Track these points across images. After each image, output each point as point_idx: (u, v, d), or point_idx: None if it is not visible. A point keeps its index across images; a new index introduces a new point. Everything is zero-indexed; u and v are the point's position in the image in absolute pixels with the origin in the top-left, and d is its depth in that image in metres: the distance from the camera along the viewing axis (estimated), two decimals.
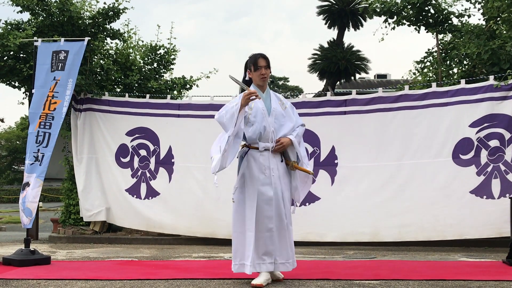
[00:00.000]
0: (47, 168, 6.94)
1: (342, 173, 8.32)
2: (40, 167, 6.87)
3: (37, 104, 7.19)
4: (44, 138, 7.00)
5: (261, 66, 4.93)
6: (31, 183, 6.78)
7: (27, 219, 6.69)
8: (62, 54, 7.33)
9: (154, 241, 9.35)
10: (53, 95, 7.17)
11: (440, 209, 7.84)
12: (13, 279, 5.20)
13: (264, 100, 4.97)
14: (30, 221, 6.71)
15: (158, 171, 9.28)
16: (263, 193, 4.79)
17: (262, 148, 4.88)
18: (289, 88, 53.31)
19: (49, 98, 7.15)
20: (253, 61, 4.97)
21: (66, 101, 7.20)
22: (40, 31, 9.75)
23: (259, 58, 4.96)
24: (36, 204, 6.77)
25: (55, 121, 7.09)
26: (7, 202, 34.15)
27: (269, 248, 4.77)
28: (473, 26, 9.45)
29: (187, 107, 9.23)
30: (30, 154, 6.93)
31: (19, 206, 6.83)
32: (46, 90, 7.21)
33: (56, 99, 7.16)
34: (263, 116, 4.90)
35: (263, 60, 4.95)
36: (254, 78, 5.00)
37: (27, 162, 6.95)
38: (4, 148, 43.62)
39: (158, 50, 11.11)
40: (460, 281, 4.88)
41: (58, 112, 7.14)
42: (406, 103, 8.15)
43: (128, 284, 4.86)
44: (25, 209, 6.68)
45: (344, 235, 8.24)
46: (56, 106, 7.14)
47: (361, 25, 22.39)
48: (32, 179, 6.78)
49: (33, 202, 6.70)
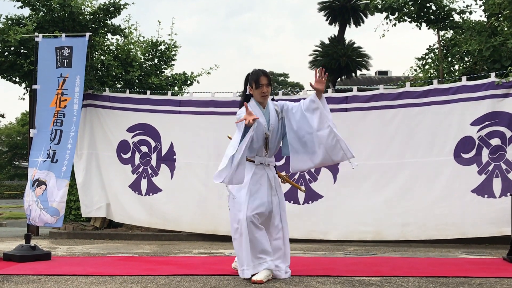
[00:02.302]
0: (71, 167, 7.01)
1: (344, 171, 8.31)
2: (57, 165, 6.93)
3: (43, 101, 7.20)
4: (56, 135, 7.05)
5: (262, 84, 4.96)
6: (47, 181, 6.84)
7: (53, 218, 6.77)
8: (66, 50, 7.32)
9: (155, 237, 9.35)
10: (63, 92, 7.19)
11: (442, 208, 7.84)
12: (13, 274, 5.20)
13: (264, 116, 5.00)
14: (57, 220, 6.79)
15: (159, 167, 9.28)
16: (256, 198, 4.83)
17: (258, 162, 4.96)
18: (289, 85, 53.24)
19: (58, 96, 7.18)
20: (255, 79, 4.99)
21: (76, 98, 7.25)
22: (41, 27, 9.74)
23: (261, 76, 4.98)
24: (64, 204, 6.89)
25: (66, 118, 7.14)
26: (7, 198, 34.18)
27: (265, 246, 4.77)
28: (475, 23, 9.43)
29: (188, 104, 9.21)
30: (44, 152, 6.98)
31: (29, 202, 6.84)
32: (53, 86, 7.21)
33: (66, 96, 7.20)
34: (263, 132, 4.95)
35: (265, 78, 4.98)
36: (255, 95, 5.03)
37: (40, 160, 6.97)
38: (4, 144, 43.60)
39: (159, 46, 11.10)
40: (461, 278, 4.88)
41: (69, 109, 7.17)
42: (408, 101, 8.13)
43: (128, 280, 4.86)
44: (49, 209, 6.75)
45: (347, 233, 8.25)
46: (67, 103, 7.17)
47: (362, 21, 22.37)
48: (50, 178, 6.85)
49: (61, 202, 6.83)
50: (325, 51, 21.54)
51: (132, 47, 10.82)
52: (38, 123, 7.23)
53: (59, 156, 7.00)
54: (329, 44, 21.68)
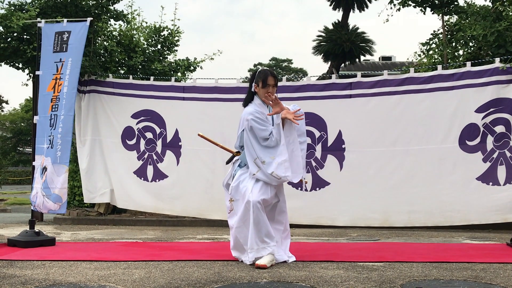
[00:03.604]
0: (69, 152, 6.99)
1: (350, 158, 8.31)
2: (52, 150, 6.91)
3: (44, 86, 7.19)
4: (54, 121, 7.03)
5: (269, 85, 5.04)
6: (48, 167, 6.83)
7: (56, 204, 6.77)
8: (65, 35, 7.30)
9: (159, 222, 9.39)
10: (60, 77, 7.17)
11: (447, 195, 7.85)
12: (18, 260, 5.23)
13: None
14: (60, 207, 6.79)
15: (165, 154, 9.27)
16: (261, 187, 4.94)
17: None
18: (293, 70, 53.15)
19: (57, 80, 7.16)
20: (263, 78, 5.05)
21: (67, 81, 7.17)
22: (44, 12, 9.70)
23: (269, 76, 5.05)
24: (66, 190, 6.88)
25: (60, 102, 7.10)
26: (12, 184, 34.30)
27: (269, 229, 4.84)
28: (479, 8, 9.35)
29: (192, 90, 9.18)
30: (46, 138, 6.97)
31: (37, 189, 6.87)
32: (52, 71, 7.20)
33: (61, 81, 7.16)
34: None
35: (273, 79, 5.05)
36: (260, 94, 5.08)
37: (45, 146, 6.98)
38: (8, 130, 43.66)
39: (162, 32, 11.07)
40: (464, 263, 4.89)
41: (61, 93, 7.14)
42: (412, 87, 8.09)
43: (132, 265, 4.89)
44: (51, 195, 6.76)
45: (355, 219, 8.27)
46: (61, 87, 7.14)
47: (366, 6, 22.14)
48: (48, 164, 6.84)
49: (62, 188, 6.81)
50: (329, 37, 21.35)
51: (135, 32, 10.79)
52: (40, 109, 7.23)
53: (54, 141, 6.99)
54: (332, 30, 21.48)
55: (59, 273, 4.54)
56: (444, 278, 4.21)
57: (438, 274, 4.37)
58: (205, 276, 4.32)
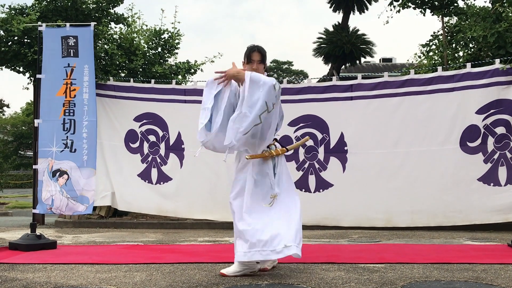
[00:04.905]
0: (95, 156, 7.10)
1: (352, 160, 8.37)
2: (76, 154, 7.04)
3: (49, 90, 7.20)
4: (71, 125, 7.11)
5: (254, 60, 4.71)
6: (68, 171, 6.95)
7: (83, 206, 6.90)
8: (71, 40, 7.32)
9: (160, 225, 9.39)
10: (71, 82, 7.22)
11: (449, 196, 7.93)
12: (19, 263, 5.23)
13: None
14: (86, 208, 6.93)
15: (168, 156, 9.31)
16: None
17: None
18: (293, 72, 53.15)
19: (68, 85, 7.22)
20: (248, 53, 4.75)
21: (85, 87, 7.26)
22: (44, 16, 9.72)
23: (254, 52, 4.72)
24: (93, 192, 7.08)
25: (77, 107, 7.19)
26: (13, 187, 34.30)
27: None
28: (479, 9, 9.36)
29: (193, 93, 9.21)
30: (58, 141, 7.06)
31: (52, 192, 6.91)
32: (60, 76, 7.23)
33: (74, 86, 7.23)
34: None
35: (258, 54, 4.72)
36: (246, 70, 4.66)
37: (54, 149, 7.05)
38: (10, 134, 43.64)
39: (162, 35, 11.08)
40: (465, 264, 4.88)
41: (78, 98, 7.21)
42: (412, 88, 8.13)
43: (134, 268, 4.89)
44: (78, 197, 6.87)
45: (359, 220, 8.34)
46: (76, 92, 7.20)
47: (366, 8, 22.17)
48: (71, 168, 6.97)
49: (90, 190, 6.97)
50: (329, 39, 21.39)
51: (135, 35, 10.81)
52: (44, 112, 7.23)
53: (77, 145, 7.09)
54: (333, 32, 21.52)
55: (61, 276, 4.54)
56: (445, 279, 4.21)
57: (439, 275, 4.37)
58: (206, 279, 4.33)
